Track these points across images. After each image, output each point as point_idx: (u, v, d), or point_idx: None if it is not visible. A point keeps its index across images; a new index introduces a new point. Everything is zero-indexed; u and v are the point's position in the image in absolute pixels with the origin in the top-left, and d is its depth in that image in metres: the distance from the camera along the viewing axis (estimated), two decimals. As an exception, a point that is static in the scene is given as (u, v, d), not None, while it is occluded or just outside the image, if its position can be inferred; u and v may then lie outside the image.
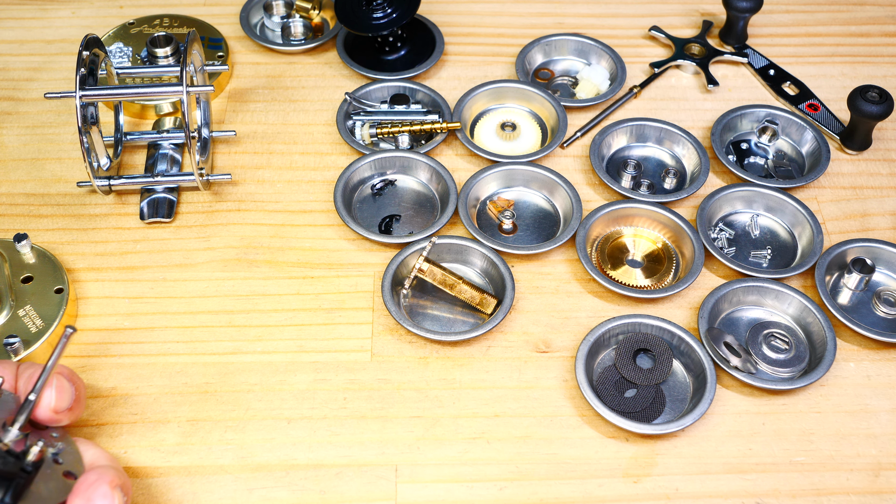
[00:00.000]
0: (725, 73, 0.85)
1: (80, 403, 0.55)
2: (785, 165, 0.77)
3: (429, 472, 0.59)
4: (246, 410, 0.62)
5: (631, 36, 0.88)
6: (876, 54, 0.87)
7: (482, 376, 0.64)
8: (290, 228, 0.71)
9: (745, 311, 0.68)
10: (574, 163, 0.77)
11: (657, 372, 0.63)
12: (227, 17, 0.87)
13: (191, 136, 0.67)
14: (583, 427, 0.61)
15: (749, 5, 0.82)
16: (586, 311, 0.67)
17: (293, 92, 0.81)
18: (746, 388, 0.63)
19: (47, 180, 0.74)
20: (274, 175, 0.75)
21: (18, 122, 0.78)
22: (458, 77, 0.83)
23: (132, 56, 0.82)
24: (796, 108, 0.81)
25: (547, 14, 0.89)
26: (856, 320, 0.66)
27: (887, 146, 0.79)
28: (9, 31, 0.86)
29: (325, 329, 0.66)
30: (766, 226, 0.73)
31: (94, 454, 0.54)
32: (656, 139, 0.78)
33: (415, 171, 0.75)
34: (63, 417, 0.53)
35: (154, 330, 0.65)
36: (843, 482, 0.59)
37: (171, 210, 0.72)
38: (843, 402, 0.63)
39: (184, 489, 0.58)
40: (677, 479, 0.59)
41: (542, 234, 0.72)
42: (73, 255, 0.69)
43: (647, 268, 0.70)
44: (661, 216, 0.71)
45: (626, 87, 0.82)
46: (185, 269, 0.69)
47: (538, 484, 0.59)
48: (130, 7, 0.88)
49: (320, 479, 0.59)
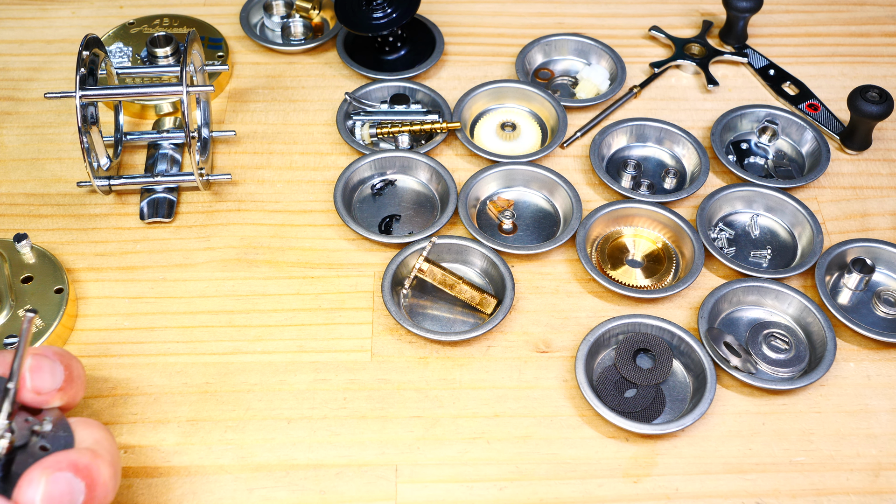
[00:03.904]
0: (725, 73, 0.85)
1: (75, 384, 0.51)
2: (785, 165, 0.77)
3: (429, 472, 0.59)
4: (246, 410, 0.62)
5: (631, 36, 0.88)
6: (876, 54, 0.87)
7: (482, 376, 0.64)
8: (290, 228, 0.71)
9: (745, 311, 0.68)
10: (574, 163, 0.77)
11: (657, 372, 0.63)
12: (227, 17, 0.87)
13: (191, 136, 0.67)
14: (583, 427, 0.61)
15: (749, 5, 0.82)
16: (586, 311, 0.67)
17: (293, 92, 0.81)
18: (746, 388, 0.63)
19: (47, 180, 0.74)
20: (274, 175, 0.75)
21: (18, 122, 0.78)
22: (458, 77, 0.83)
23: (132, 56, 0.82)
24: (796, 108, 0.81)
25: (547, 14, 0.89)
26: (856, 320, 0.66)
27: (887, 146, 0.79)
28: (9, 31, 0.86)
29: (325, 329, 0.66)
30: (766, 226, 0.73)
31: (84, 437, 0.50)
32: (656, 139, 0.78)
33: (415, 171, 0.75)
34: (51, 398, 0.50)
35: (154, 330, 0.65)
36: (843, 482, 0.59)
37: (171, 210, 0.72)
38: (843, 402, 0.63)
39: (184, 489, 0.58)
40: (677, 479, 0.59)
41: (542, 234, 0.72)
42: (73, 255, 0.69)
43: (647, 268, 0.70)
44: (661, 216, 0.71)
45: (626, 87, 0.82)
46: (185, 269, 0.69)
47: (538, 484, 0.59)
48: (130, 7, 0.88)
49: (320, 479, 0.59)
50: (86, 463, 0.47)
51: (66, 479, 0.45)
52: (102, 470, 0.47)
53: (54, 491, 0.45)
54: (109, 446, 0.50)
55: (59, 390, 0.50)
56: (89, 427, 0.50)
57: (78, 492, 0.46)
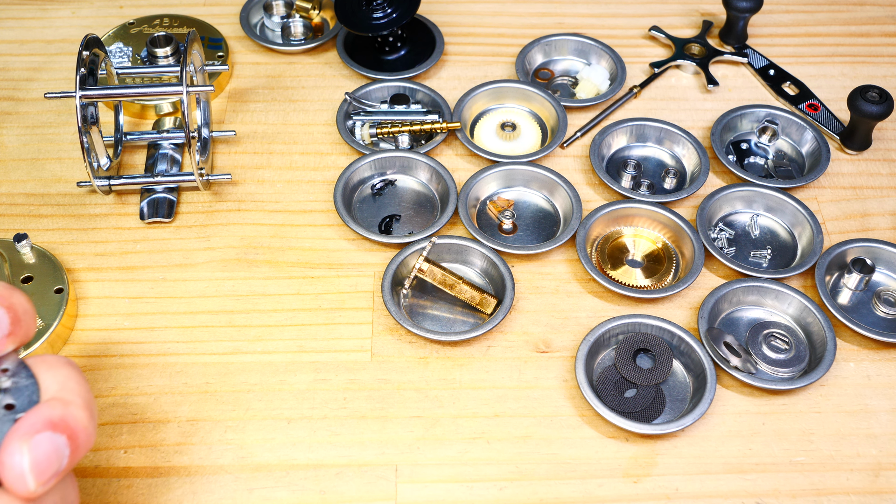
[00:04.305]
0: (725, 73, 0.85)
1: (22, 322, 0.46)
2: (785, 165, 0.77)
3: (429, 472, 0.59)
4: (246, 410, 0.62)
5: (631, 36, 0.88)
6: (876, 54, 0.87)
7: (482, 376, 0.64)
8: (290, 228, 0.71)
9: (745, 311, 0.68)
10: (574, 163, 0.77)
11: (657, 372, 0.63)
12: (227, 17, 0.87)
13: (191, 136, 0.67)
14: (583, 427, 0.61)
15: (749, 5, 0.82)
16: (586, 311, 0.67)
17: (293, 92, 0.81)
18: (746, 388, 0.63)
19: (47, 180, 0.74)
20: (274, 175, 0.75)
21: (18, 122, 0.78)
22: (458, 77, 0.83)
23: (132, 56, 0.82)
24: (796, 108, 0.81)
25: (547, 14, 0.89)
26: (856, 320, 0.66)
27: (887, 146, 0.79)
28: (9, 31, 0.86)
29: (325, 329, 0.66)
30: (766, 226, 0.73)
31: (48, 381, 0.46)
32: (656, 139, 0.78)
33: (415, 171, 0.75)
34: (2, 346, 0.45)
35: (154, 330, 0.65)
36: (843, 482, 0.59)
37: (171, 210, 0.72)
38: (843, 402, 0.63)
39: (184, 489, 0.58)
40: (677, 479, 0.59)
41: (542, 234, 0.72)
42: (73, 255, 0.69)
43: (647, 268, 0.70)
44: (661, 216, 0.71)
45: (626, 87, 0.82)
46: (185, 269, 0.69)
47: (538, 484, 0.59)
48: (130, 7, 0.88)
49: (320, 479, 0.59)
50: (59, 415, 0.45)
51: (48, 438, 0.44)
52: (78, 415, 0.45)
53: (39, 455, 0.44)
54: (76, 386, 0.47)
55: (9, 335, 0.46)
56: (51, 367, 0.47)
57: (62, 446, 0.44)
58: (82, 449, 0.45)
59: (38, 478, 0.43)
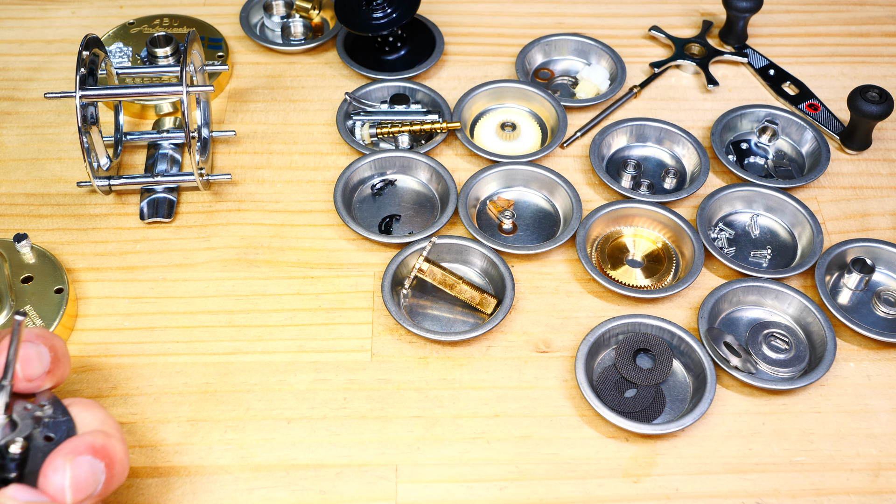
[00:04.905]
0: (725, 73, 0.85)
1: (61, 363, 0.52)
2: (785, 165, 0.77)
3: (429, 472, 0.59)
4: (246, 410, 0.62)
5: (631, 36, 0.88)
6: (876, 54, 0.87)
7: (482, 376, 0.64)
8: (290, 228, 0.71)
9: (745, 311, 0.68)
10: (574, 163, 0.77)
11: (657, 372, 0.63)
12: (227, 17, 0.87)
13: (191, 136, 0.67)
14: (583, 427, 0.61)
15: (749, 5, 0.82)
16: (586, 311, 0.67)
17: (293, 92, 0.81)
18: (746, 388, 0.63)
19: (47, 180, 0.74)
20: (274, 175, 0.75)
21: (18, 122, 0.78)
22: (458, 77, 0.83)
23: (132, 56, 0.82)
24: (796, 108, 0.81)
25: (547, 14, 0.89)
26: (856, 320, 0.66)
27: (887, 146, 0.79)
28: (9, 31, 0.86)
29: (325, 329, 0.66)
30: (766, 226, 0.73)
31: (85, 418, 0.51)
32: (656, 139, 0.78)
33: (415, 171, 0.75)
34: (42, 382, 0.51)
35: (154, 330, 0.65)
36: (843, 482, 0.59)
37: (171, 210, 0.72)
38: (843, 402, 0.63)
39: (184, 489, 0.58)
40: (677, 479, 0.59)
41: (542, 234, 0.72)
42: (73, 255, 0.69)
43: (647, 268, 0.70)
44: (661, 216, 0.71)
45: (626, 87, 0.82)
46: (185, 269, 0.69)
47: (538, 484, 0.59)
48: (130, 7, 0.88)
49: (320, 479, 0.59)
50: (101, 443, 0.49)
51: (88, 461, 0.47)
52: (117, 448, 0.50)
53: (79, 475, 0.47)
54: (113, 423, 0.52)
55: (48, 373, 0.51)
56: (87, 408, 0.52)
57: (100, 472, 0.48)
58: (117, 479, 0.49)
59: (75, 495, 0.47)
